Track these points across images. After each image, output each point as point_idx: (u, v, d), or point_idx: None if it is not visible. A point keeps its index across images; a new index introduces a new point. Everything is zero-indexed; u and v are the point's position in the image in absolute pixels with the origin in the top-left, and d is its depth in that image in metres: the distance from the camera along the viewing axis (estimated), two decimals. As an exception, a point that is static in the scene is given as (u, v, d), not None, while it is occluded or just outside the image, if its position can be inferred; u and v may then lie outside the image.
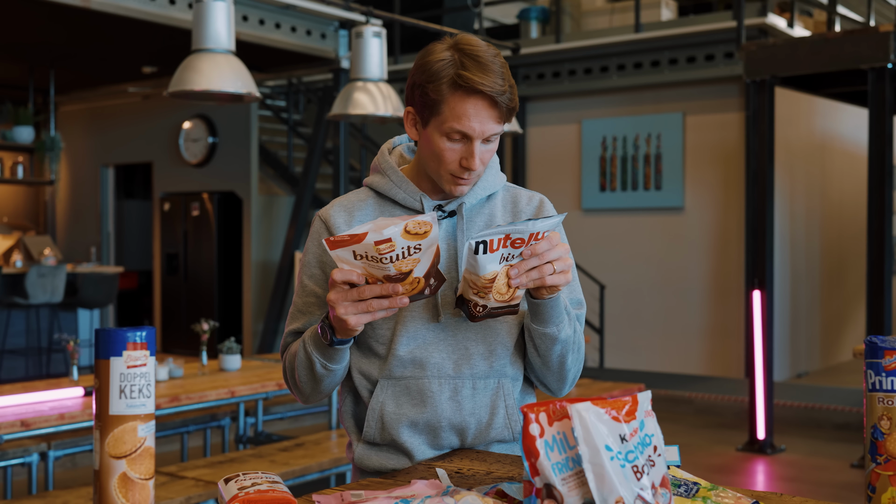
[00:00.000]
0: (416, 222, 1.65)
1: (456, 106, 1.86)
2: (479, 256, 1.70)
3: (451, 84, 1.86)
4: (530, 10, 10.96)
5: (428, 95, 1.88)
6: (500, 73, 1.87)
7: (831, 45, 7.43)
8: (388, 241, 1.64)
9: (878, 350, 1.59)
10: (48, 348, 9.82)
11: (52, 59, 10.36)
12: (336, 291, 1.75)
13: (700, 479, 1.60)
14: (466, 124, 1.87)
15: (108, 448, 1.41)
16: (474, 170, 1.91)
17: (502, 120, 1.90)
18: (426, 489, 1.57)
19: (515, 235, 1.70)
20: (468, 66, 1.85)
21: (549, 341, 1.93)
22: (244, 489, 1.58)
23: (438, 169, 1.94)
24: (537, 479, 1.33)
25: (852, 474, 6.64)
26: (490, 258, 1.71)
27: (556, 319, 1.91)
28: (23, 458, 4.76)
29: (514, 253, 1.73)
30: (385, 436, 2.01)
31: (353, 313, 1.74)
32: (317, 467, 4.80)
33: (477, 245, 1.69)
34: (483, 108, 1.86)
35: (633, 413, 1.37)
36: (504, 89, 1.87)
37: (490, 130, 1.89)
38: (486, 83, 1.84)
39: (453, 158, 1.91)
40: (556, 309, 1.90)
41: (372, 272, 1.71)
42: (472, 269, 1.74)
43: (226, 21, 5.11)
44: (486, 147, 1.92)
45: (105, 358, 1.41)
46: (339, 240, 1.66)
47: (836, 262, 10.75)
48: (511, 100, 1.89)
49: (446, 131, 1.89)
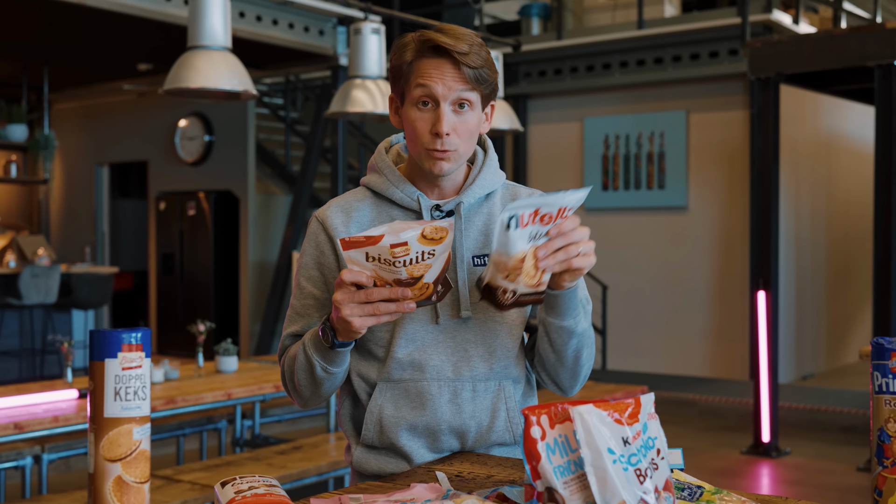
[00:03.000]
0: (434, 227, 1.66)
1: (420, 67, 1.90)
2: (510, 233, 1.67)
3: (416, 50, 1.91)
4: (531, 7, 10.99)
5: (398, 65, 1.93)
6: (468, 42, 1.89)
7: (837, 41, 7.41)
8: (404, 244, 1.64)
9: (885, 351, 1.59)
10: (42, 350, 9.79)
11: (46, 55, 10.35)
12: (343, 292, 1.73)
13: (704, 482, 1.60)
14: (429, 83, 1.88)
15: (103, 451, 1.41)
16: (441, 135, 1.89)
17: (470, 85, 1.90)
18: (426, 493, 1.57)
19: (545, 210, 1.68)
20: (432, 33, 1.90)
21: (566, 335, 1.92)
22: (241, 493, 1.58)
23: (416, 146, 1.94)
24: (539, 482, 1.33)
25: (858, 478, 6.60)
26: (520, 234, 1.68)
27: (573, 311, 1.90)
28: (16, 462, 4.73)
29: (541, 231, 1.71)
30: (384, 439, 2.00)
31: (358, 315, 1.73)
32: (315, 471, 4.79)
33: (509, 220, 1.65)
34: (447, 69, 1.88)
35: (636, 415, 1.37)
36: (467, 51, 1.87)
37: (456, 92, 1.89)
38: (447, 42, 1.87)
39: (425, 129, 1.91)
40: (574, 300, 1.88)
41: (382, 275, 1.70)
42: (502, 247, 1.70)
43: (222, 17, 5.07)
44: (459, 117, 1.91)
45: (100, 359, 1.41)
46: (354, 240, 1.66)
47: (842, 262, 10.77)
48: (477, 63, 1.89)
49: (415, 98, 1.91)
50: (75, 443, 5.02)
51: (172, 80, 4.98)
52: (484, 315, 1.98)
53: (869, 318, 9.74)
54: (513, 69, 10.54)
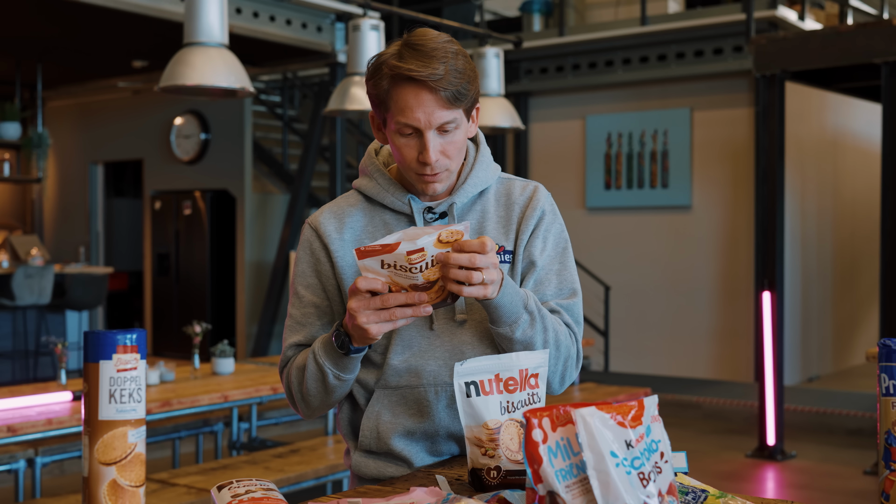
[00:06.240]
0: (449, 231, 1.69)
1: (398, 98, 1.87)
2: (471, 400, 1.75)
3: (390, 77, 1.87)
4: (533, 3, 11.01)
5: (375, 94, 1.91)
6: (442, 59, 1.85)
7: (843, 38, 7.41)
8: (420, 250, 1.67)
9: (893, 353, 1.59)
10: (35, 351, 9.79)
11: (39, 52, 10.36)
12: (358, 299, 1.75)
13: (708, 486, 1.60)
14: (410, 115, 1.86)
15: (98, 454, 1.40)
16: (429, 163, 1.89)
17: (450, 107, 1.87)
18: (425, 497, 1.57)
19: (506, 374, 1.77)
20: (404, 56, 1.85)
21: (505, 342, 1.91)
22: (238, 497, 1.60)
23: (405, 169, 1.94)
24: (540, 486, 1.33)
25: (865, 481, 6.60)
26: (486, 402, 1.77)
27: (507, 320, 1.87)
28: (9, 465, 4.72)
29: (513, 400, 1.81)
30: (382, 445, 2.02)
31: (375, 322, 1.75)
32: (313, 474, 4.81)
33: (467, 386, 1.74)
34: (425, 96, 1.85)
35: (639, 418, 1.36)
36: (441, 74, 1.83)
37: (439, 119, 1.87)
38: (417, 69, 1.83)
39: (412, 155, 1.91)
40: (505, 311, 1.85)
41: (398, 281, 1.73)
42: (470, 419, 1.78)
43: (218, 14, 5.07)
44: (445, 139, 1.90)
45: (94, 361, 1.41)
46: (369, 249, 1.69)
47: (849, 262, 10.81)
48: (454, 84, 1.85)
49: (397, 127, 1.89)
50: (69, 446, 5.00)
51: (168, 78, 4.98)
52: (480, 316, 1.99)
53: (876, 319, 9.79)
54: (514, 66, 10.54)
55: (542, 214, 2.03)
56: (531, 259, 2.01)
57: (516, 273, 2.01)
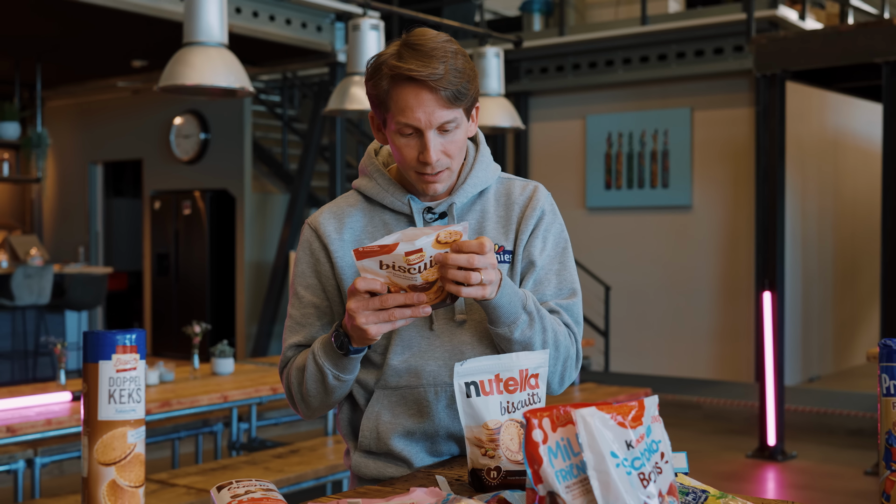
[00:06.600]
0: (448, 232, 1.70)
1: (398, 98, 1.88)
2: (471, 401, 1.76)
3: (390, 77, 1.87)
4: (533, 2, 11.01)
5: (375, 94, 1.91)
6: (442, 59, 1.85)
7: (844, 38, 7.41)
8: (419, 251, 1.68)
9: (893, 353, 1.60)
10: (34, 351, 9.80)
11: (38, 52, 10.36)
12: (357, 300, 1.75)
13: (709, 486, 1.60)
14: (410, 115, 1.87)
15: (97, 455, 1.40)
16: (430, 163, 1.90)
17: (450, 106, 1.88)
18: (425, 497, 1.57)
19: (506, 374, 1.77)
20: (403, 56, 1.86)
21: (504, 342, 1.91)
22: (237, 497, 1.60)
23: (406, 169, 1.95)
24: (541, 486, 1.33)
25: (866, 482, 6.60)
26: (486, 402, 1.77)
27: (506, 320, 1.87)
28: (8, 465, 4.72)
29: (513, 400, 1.81)
30: (381, 445, 2.02)
31: (374, 322, 1.75)
32: (312, 474, 4.81)
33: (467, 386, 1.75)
34: (425, 96, 1.86)
35: (640, 418, 1.36)
36: (441, 73, 1.84)
37: (440, 118, 1.87)
38: (417, 69, 1.83)
39: (412, 155, 1.91)
40: (503, 311, 1.86)
41: (397, 281, 1.73)
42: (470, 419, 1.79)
43: (218, 13, 5.06)
44: (445, 138, 1.91)
45: (93, 361, 1.41)
46: (367, 250, 1.70)
47: (850, 262, 10.81)
48: (454, 84, 1.86)
49: (397, 127, 1.90)
50: (68, 446, 5.00)
51: (168, 77, 4.97)
52: (479, 316, 1.98)
53: (877, 319, 9.79)
54: (514, 66, 10.54)
55: (541, 214, 2.03)
56: (531, 259, 2.01)
57: (516, 273, 2.01)
